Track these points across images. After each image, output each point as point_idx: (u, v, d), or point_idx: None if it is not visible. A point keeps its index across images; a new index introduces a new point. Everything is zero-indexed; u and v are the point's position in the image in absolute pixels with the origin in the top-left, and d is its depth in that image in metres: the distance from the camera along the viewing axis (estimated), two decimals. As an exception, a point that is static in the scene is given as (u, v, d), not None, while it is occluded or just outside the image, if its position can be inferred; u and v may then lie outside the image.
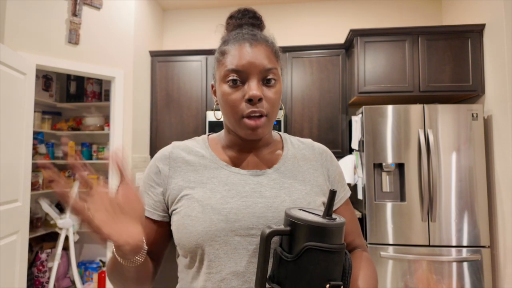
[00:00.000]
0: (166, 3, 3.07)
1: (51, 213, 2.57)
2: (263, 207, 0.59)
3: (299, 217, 0.48)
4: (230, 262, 0.56)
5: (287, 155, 0.68)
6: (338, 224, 0.48)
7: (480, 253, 1.96)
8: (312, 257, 0.46)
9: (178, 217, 0.60)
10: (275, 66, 0.61)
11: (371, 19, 2.94)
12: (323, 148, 0.73)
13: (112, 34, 2.45)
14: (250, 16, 0.67)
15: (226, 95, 0.60)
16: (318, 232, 0.47)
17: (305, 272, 0.46)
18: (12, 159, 1.83)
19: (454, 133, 2.03)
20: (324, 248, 0.46)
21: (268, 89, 0.60)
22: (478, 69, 2.20)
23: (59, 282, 2.78)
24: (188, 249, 0.59)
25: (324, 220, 0.47)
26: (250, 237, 0.57)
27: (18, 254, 1.89)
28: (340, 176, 0.71)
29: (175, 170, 0.64)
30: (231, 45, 0.61)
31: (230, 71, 0.59)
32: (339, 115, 2.61)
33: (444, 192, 2.01)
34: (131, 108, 2.55)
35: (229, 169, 0.64)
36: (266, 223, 0.57)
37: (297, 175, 0.65)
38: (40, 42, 2.11)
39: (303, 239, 0.47)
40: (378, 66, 2.30)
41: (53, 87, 3.08)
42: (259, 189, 0.61)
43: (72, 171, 0.46)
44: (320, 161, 0.69)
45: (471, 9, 2.35)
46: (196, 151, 0.67)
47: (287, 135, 0.75)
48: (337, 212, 0.68)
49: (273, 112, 0.61)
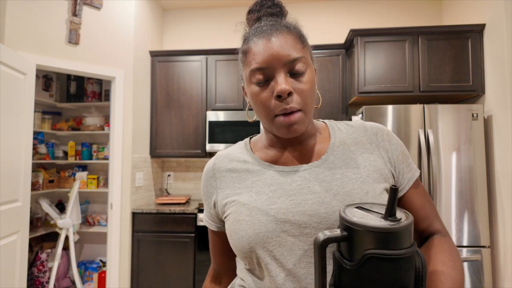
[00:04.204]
0: (166, 3, 3.07)
1: (51, 213, 2.57)
2: (314, 204, 0.55)
3: (355, 222, 0.41)
4: (288, 264, 0.54)
5: (334, 142, 0.62)
6: (403, 226, 0.40)
7: (480, 253, 1.96)
8: (375, 265, 0.40)
9: (229, 223, 0.60)
10: (302, 54, 0.56)
11: (371, 19, 2.94)
12: (378, 126, 0.64)
13: (112, 34, 2.46)
14: (269, 5, 0.62)
15: (255, 96, 0.57)
16: (380, 237, 0.40)
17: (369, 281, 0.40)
18: (12, 159, 1.83)
19: (454, 133, 2.03)
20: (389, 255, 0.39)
21: (298, 81, 0.55)
22: (478, 69, 2.20)
23: (59, 282, 2.78)
24: (243, 254, 0.57)
25: (386, 224, 0.40)
26: (305, 236, 0.54)
27: (18, 254, 1.89)
28: (403, 155, 0.62)
29: (221, 180, 0.64)
30: (251, 42, 0.57)
31: (255, 71, 0.55)
32: (339, 115, 2.61)
33: (444, 192, 2.01)
34: (131, 108, 2.55)
35: (273, 168, 0.61)
36: (319, 221, 0.54)
37: (349, 163, 0.59)
38: (40, 42, 2.11)
39: (363, 245, 0.40)
40: (378, 66, 2.30)
41: (53, 87, 3.08)
42: (307, 184, 0.57)
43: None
44: (376, 142, 0.62)
45: (471, 9, 2.35)
46: (238, 157, 0.66)
47: (334, 121, 0.68)
48: (406, 196, 0.61)
49: (307, 104, 0.56)
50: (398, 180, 0.61)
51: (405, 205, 0.61)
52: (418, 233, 0.61)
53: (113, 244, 2.41)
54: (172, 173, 3.11)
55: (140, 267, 2.49)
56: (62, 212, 2.73)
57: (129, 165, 2.52)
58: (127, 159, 2.52)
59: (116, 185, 2.44)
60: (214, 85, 2.76)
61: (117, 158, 2.45)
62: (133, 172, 2.56)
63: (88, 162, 3.14)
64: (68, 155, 3.07)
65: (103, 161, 2.98)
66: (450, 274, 0.48)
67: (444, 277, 0.47)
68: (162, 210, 2.46)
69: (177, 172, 3.11)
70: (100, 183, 3.05)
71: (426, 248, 0.56)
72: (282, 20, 0.61)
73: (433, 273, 0.48)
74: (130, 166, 2.53)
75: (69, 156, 3.06)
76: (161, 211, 2.47)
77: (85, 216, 3.04)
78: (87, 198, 3.18)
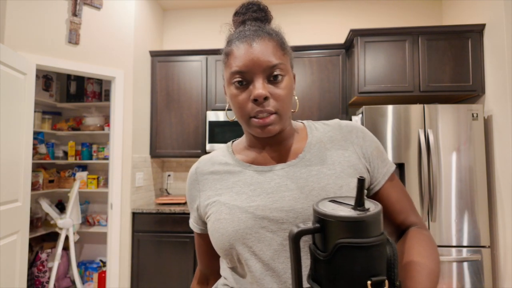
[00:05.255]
0: (166, 3, 3.07)
1: (51, 213, 2.57)
2: (290, 200, 0.57)
3: (326, 213, 0.43)
4: (267, 259, 0.56)
5: (311, 141, 0.65)
6: (371, 215, 0.42)
7: (480, 253, 1.96)
8: (347, 254, 0.41)
9: (210, 223, 0.62)
10: (281, 61, 0.58)
11: (371, 19, 2.94)
12: (352, 125, 0.67)
13: (112, 34, 2.45)
14: (254, 9, 0.64)
15: (233, 97, 0.59)
16: (350, 227, 0.42)
17: (342, 271, 0.42)
18: (12, 159, 1.83)
19: (454, 133, 2.03)
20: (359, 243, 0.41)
21: (276, 86, 0.58)
22: (478, 69, 2.20)
23: (59, 282, 2.78)
24: (224, 252, 0.59)
25: (354, 213, 0.42)
26: (282, 231, 0.56)
27: (18, 254, 1.89)
28: (378, 150, 0.65)
29: (203, 183, 0.67)
30: (234, 45, 0.60)
31: (235, 73, 0.58)
32: (339, 115, 2.61)
33: (444, 192, 2.01)
34: (131, 108, 2.55)
35: (253, 168, 0.63)
36: (296, 217, 0.56)
37: (325, 160, 0.61)
38: (40, 42, 2.11)
39: (334, 236, 0.42)
40: (378, 66, 2.30)
41: (53, 87, 3.08)
42: (285, 182, 0.59)
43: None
44: (350, 139, 0.64)
45: (471, 9, 2.35)
46: (220, 159, 0.68)
47: (311, 121, 0.71)
48: (382, 190, 0.63)
49: (283, 108, 0.58)
50: (373, 175, 0.63)
51: (381, 199, 0.62)
52: (396, 227, 0.63)
53: (113, 244, 2.41)
54: (172, 173, 3.11)
55: (140, 267, 2.49)
56: (62, 212, 2.73)
57: (129, 165, 2.52)
58: (127, 159, 2.52)
59: (116, 185, 2.44)
60: (214, 85, 2.76)
61: (117, 158, 2.45)
62: (133, 172, 2.56)
63: (88, 162, 3.14)
64: (68, 155, 3.07)
65: (103, 161, 2.98)
66: (426, 264, 0.49)
67: (420, 266, 0.49)
68: (162, 210, 2.46)
69: (177, 172, 3.11)
70: (100, 183, 3.05)
71: (403, 240, 0.57)
72: (265, 25, 0.63)
73: (409, 263, 0.50)
74: (130, 166, 2.53)
75: (69, 156, 3.06)
76: (161, 211, 2.47)
77: (85, 216, 3.04)
78: (87, 198, 3.18)
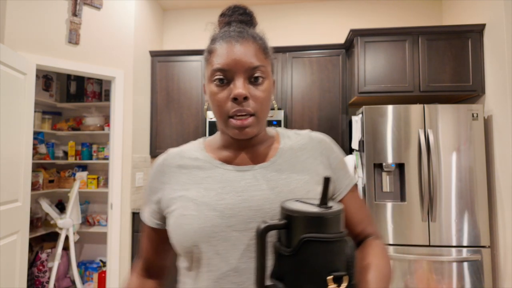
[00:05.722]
0: (166, 3, 3.07)
1: (51, 213, 2.57)
2: (259, 200, 0.58)
3: (293, 209, 0.46)
4: (230, 259, 0.56)
5: (284, 147, 0.67)
6: (334, 212, 0.46)
7: (480, 253, 1.96)
8: (311, 249, 0.44)
9: (173, 218, 0.60)
10: (263, 64, 0.59)
11: (371, 19, 2.94)
12: (322, 136, 0.71)
13: (112, 34, 2.46)
14: (240, 12, 0.65)
15: (213, 95, 0.59)
16: (314, 222, 0.45)
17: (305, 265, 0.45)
18: (12, 159, 1.83)
19: (454, 133, 2.03)
20: (322, 238, 0.44)
21: (255, 88, 0.58)
22: (478, 69, 2.20)
23: (59, 282, 2.78)
24: (185, 249, 0.58)
25: (319, 209, 0.46)
26: (249, 231, 0.56)
27: (18, 254, 1.89)
28: (342, 163, 0.69)
29: (169, 176, 0.65)
30: (217, 43, 0.60)
31: (216, 71, 0.58)
32: (339, 115, 2.61)
33: (444, 192, 2.01)
34: (131, 108, 2.55)
35: (224, 167, 0.63)
36: (263, 216, 0.57)
37: (295, 166, 0.64)
38: (40, 42, 2.11)
39: (299, 231, 0.45)
40: (378, 66, 2.30)
41: (53, 87, 3.08)
42: (255, 182, 0.60)
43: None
44: (319, 149, 0.68)
45: (471, 9, 2.35)
46: (190, 154, 0.67)
47: (284, 129, 0.73)
48: (343, 201, 0.66)
49: (262, 111, 0.59)
50: (336, 186, 0.66)
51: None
52: (354, 236, 0.65)
53: (113, 244, 2.41)
54: (172, 173, 3.11)
55: (140, 267, 2.49)
56: (62, 212, 2.73)
57: (129, 165, 2.52)
58: (127, 159, 2.52)
59: (116, 185, 2.44)
60: (214, 85, 2.76)
61: (117, 158, 2.45)
62: (133, 172, 2.56)
63: (88, 162, 3.14)
64: (68, 155, 3.07)
65: (103, 161, 2.98)
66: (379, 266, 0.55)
67: (376, 267, 0.54)
68: (162, 210, 2.46)
69: (177, 172, 3.11)
70: (100, 183, 3.05)
71: (362, 247, 0.61)
72: (250, 29, 0.64)
73: (367, 265, 0.55)
74: (130, 166, 2.53)
75: (69, 156, 3.06)
76: (161, 211, 2.46)
77: (85, 216, 3.04)
78: (87, 198, 3.18)
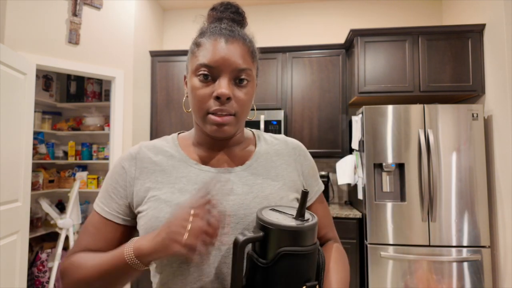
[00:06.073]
0: (166, 3, 3.07)
1: (51, 213, 2.57)
2: (234, 205, 0.57)
3: (271, 222, 0.46)
4: (202, 263, 0.55)
5: (259, 151, 0.67)
6: (311, 225, 0.47)
7: (480, 253, 1.96)
8: (287, 261, 0.45)
9: (146, 219, 0.57)
10: (249, 67, 0.59)
11: (371, 19, 2.94)
12: (297, 143, 0.72)
13: (112, 34, 2.45)
14: (232, 11, 0.64)
15: (195, 89, 0.58)
16: (291, 235, 0.46)
17: (281, 277, 0.46)
18: (12, 159, 1.83)
19: (454, 133, 2.03)
20: (299, 252, 0.45)
21: (239, 89, 0.58)
22: (478, 69, 2.20)
23: (59, 282, 2.78)
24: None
25: (296, 223, 0.46)
26: (222, 236, 0.55)
27: (18, 254, 1.89)
28: (314, 170, 0.72)
29: (141, 171, 0.61)
30: (206, 38, 0.59)
31: (202, 66, 0.57)
32: (339, 115, 2.61)
33: (444, 192, 2.01)
34: (131, 108, 2.55)
35: (199, 167, 0.62)
36: (237, 221, 0.56)
37: (270, 171, 0.64)
38: (40, 42, 2.11)
39: (276, 243, 0.46)
40: (378, 66, 2.30)
41: (53, 87, 3.07)
42: (230, 186, 0.60)
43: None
44: (294, 156, 0.69)
45: (471, 9, 2.35)
46: (164, 150, 0.64)
47: (261, 132, 0.73)
48: (312, 206, 0.69)
49: (242, 112, 0.59)
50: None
51: None
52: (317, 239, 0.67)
53: (113, 244, 2.41)
54: (172, 173, 3.11)
55: (140, 267, 2.49)
56: (62, 212, 2.73)
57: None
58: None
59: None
60: (214, 85, 2.76)
61: (117, 158, 2.45)
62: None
63: (88, 162, 3.14)
64: (68, 155, 3.07)
65: (103, 161, 2.98)
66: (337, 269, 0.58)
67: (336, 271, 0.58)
68: (162, 210, 2.46)
69: (177, 172, 3.11)
70: (100, 183, 3.04)
71: (324, 250, 0.65)
72: (241, 29, 0.63)
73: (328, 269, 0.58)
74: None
75: (69, 156, 3.06)
76: (161, 211, 2.46)
77: (85, 216, 3.04)
78: (87, 198, 3.18)
